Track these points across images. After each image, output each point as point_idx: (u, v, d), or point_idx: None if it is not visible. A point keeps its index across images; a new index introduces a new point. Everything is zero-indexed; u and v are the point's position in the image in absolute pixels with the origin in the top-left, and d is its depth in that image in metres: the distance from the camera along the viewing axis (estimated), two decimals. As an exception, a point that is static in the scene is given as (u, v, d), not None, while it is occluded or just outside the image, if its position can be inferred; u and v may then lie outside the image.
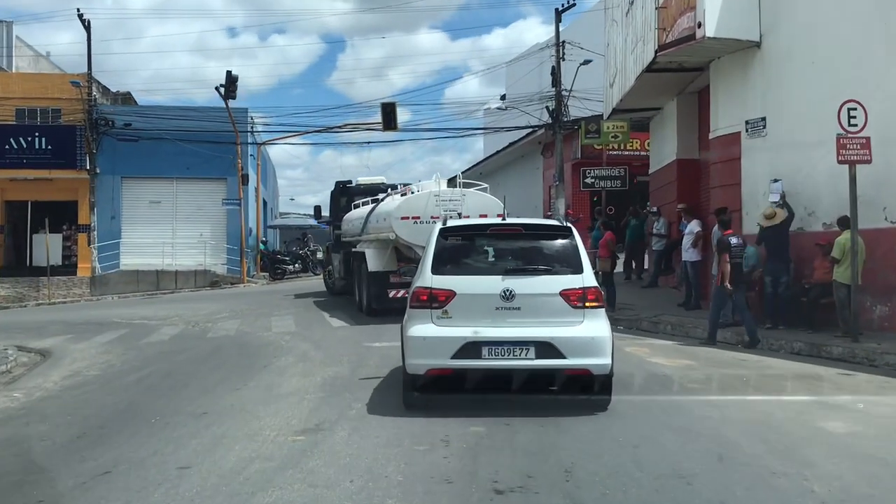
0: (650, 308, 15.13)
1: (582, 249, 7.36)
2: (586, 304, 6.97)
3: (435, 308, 6.95)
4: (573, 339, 6.82)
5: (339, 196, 20.63)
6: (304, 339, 12.76)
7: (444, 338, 6.84)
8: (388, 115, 28.59)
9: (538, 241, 7.58)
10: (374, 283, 15.22)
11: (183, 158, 28.87)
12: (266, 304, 20.23)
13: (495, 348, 6.81)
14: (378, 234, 15.49)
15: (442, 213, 13.11)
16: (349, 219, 18.86)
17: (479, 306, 6.94)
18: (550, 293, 6.95)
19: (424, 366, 6.94)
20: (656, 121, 19.26)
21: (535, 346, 6.79)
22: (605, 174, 18.32)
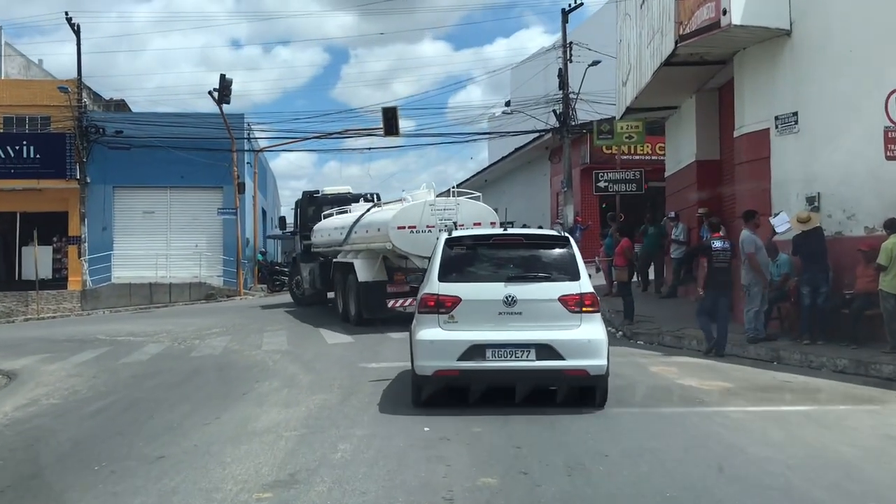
0: (671, 320, 13.95)
1: (579, 258, 7.79)
2: (583, 309, 7.41)
3: (442, 313, 7.39)
4: (571, 341, 7.28)
5: (306, 206, 20.50)
6: (294, 359, 11.63)
7: (450, 341, 7.29)
8: (390, 120, 27.56)
9: (538, 250, 8.02)
10: (365, 294, 15.10)
11: (177, 167, 27.82)
12: (260, 319, 19.15)
13: (498, 350, 7.25)
14: (369, 244, 15.30)
15: (437, 222, 13.86)
16: (322, 229, 18.73)
17: (484, 311, 7.39)
18: (550, 299, 7.39)
19: (432, 367, 7.36)
20: (672, 121, 18.13)
21: (536, 349, 7.23)
22: (620, 177, 17.19)
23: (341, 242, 16.75)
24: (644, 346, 12.46)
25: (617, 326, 14.36)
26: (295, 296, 21.81)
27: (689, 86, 15.81)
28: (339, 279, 17.09)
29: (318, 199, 20.46)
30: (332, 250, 17.60)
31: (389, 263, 15.17)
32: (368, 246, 15.38)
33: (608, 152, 29.42)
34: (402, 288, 14.81)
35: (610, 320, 15.33)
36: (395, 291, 14.91)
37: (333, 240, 17.46)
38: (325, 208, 19.30)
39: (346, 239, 16.44)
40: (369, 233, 15.36)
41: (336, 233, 17.28)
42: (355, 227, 16.08)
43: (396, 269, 15.02)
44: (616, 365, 10.18)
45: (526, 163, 36.09)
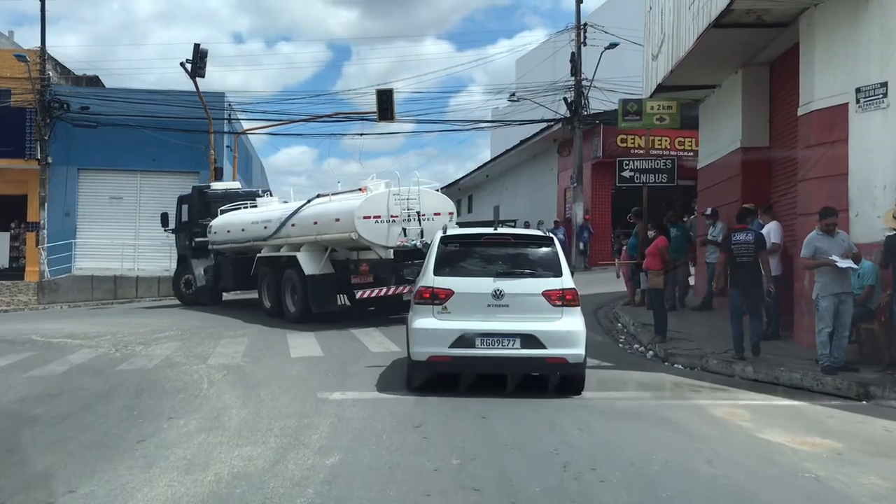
0: (713, 339, 11.35)
1: (562, 256, 8.45)
2: (565, 303, 8.06)
3: (436, 304, 8.05)
4: (553, 332, 7.93)
5: (196, 202, 20.00)
6: (238, 380, 9.03)
7: (443, 329, 7.95)
8: (385, 104, 24.99)
9: (524, 248, 8.70)
10: (313, 288, 14.80)
11: (149, 148, 25.27)
12: (226, 319, 16.57)
13: (487, 339, 7.89)
14: (320, 235, 14.91)
15: (400, 212, 14.13)
16: (226, 224, 18.32)
17: (474, 303, 8.03)
18: (534, 293, 8.07)
19: (426, 353, 8.00)
20: (710, 103, 15.55)
21: (521, 338, 7.88)
22: (648, 167, 14.56)
23: (267, 236, 16.29)
24: (685, 373, 9.88)
25: (645, 344, 11.80)
26: (183, 296, 20.35)
27: (735, 57, 13.26)
28: (268, 274, 16.55)
29: (209, 194, 20.03)
30: (250, 245, 17.18)
31: (336, 256, 15.02)
32: (318, 237, 14.96)
33: (623, 145, 27.01)
34: (366, 279, 14.54)
35: (635, 335, 12.79)
36: (360, 283, 14.59)
37: (250, 235, 17.04)
38: (216, 204, 19.11)
39: (275, 233, 16.01)
40: (319, 224, 14.94)
41: (256, 227, 16.87)
42: (292, 220, 15.67)
43: (344, 262, 15.05)
44: (667, 407, 7.70)
45: (531, 157, 33.50)
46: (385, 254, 14.23)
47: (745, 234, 10.06)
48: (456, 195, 46.68)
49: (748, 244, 9.94)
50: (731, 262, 10.13)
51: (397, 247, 14.20)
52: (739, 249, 9.99)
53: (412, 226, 14.32)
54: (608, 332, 13.42)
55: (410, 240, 14.28)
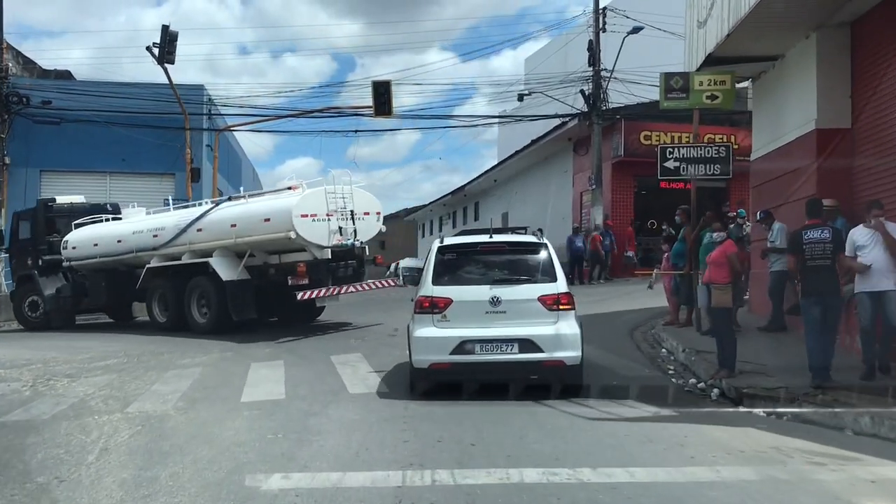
0: (794, 371, 8.60)
1: (556, 261, 8.58)
2: (560, 307, 8.21)
3: (436, 313, 8.23)
4: (549, 336, 8.09)
5: (43, 217, 18.26)
6: (146, 446, 6.32)
7: (443, 337, 8.12)
8: (382, 97, 22.38)
9: (519, 255, 8.86)
10: (232, 294, 14.28)
11: (118, 147, 22.80)
12: (187, 342, 13.93)
13: (486, 345, 8.06)
14: (240, 238, 14.28)
15: (334, 210, 13.98)
16: (89, 238, 17.08)
17: (472, 311, 8.21)
18: (530, 299, 8.25)
19: (428, 361, 8.15)
20: (768, 80, 12.85)
21: (519, 343, 8.07)
22: (698, 155, 11.72)
23: (159, 245, 15.50)
24: (773, 424, 7.13)
25: (707, 379, 9.06)
26: (28, 320, 18.20)
27: (808, 17, 10.59)
28: (163, 286, 15.76)
29: (55, 209, 18.41)
30: (132, 257, 16.22)
31: (252, 261, 14.55)
32: (237, 240, 14.33)
33: (647, 143, 24.29)
34: (302, 280, 13.88)
35: (687, 365, 10.07)
36: (297, 284, 13.92)
37: (132, 245, 16.10)
38: (63, 220, 17.87)
39: (172, 240, 15.24)
40: (239, 226, 14.32)
41: (140, 237, 15.99)
42: (197, 225, 14.97)
43: (261, 265, 14.67)
44: (778, 489, 4.97)
45: (543, 158, 30.79)
46: (321, 254, 13.92)
47: (820, 232, 8.30)
48: (461, 202, 44.01)
49: (824, 243, 8.21)
50: (801, 266, 8.37)
51: (334, 246, 14.03)
52: (813, 250, 8.23)
53: (347, 225, 14.16)
54: (652, 360, 10.69)
55: (346, 239, 14.17)
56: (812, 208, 8.74)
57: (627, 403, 7.68)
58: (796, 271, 8.74)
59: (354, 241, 14.33)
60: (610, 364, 10.05)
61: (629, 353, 11.12)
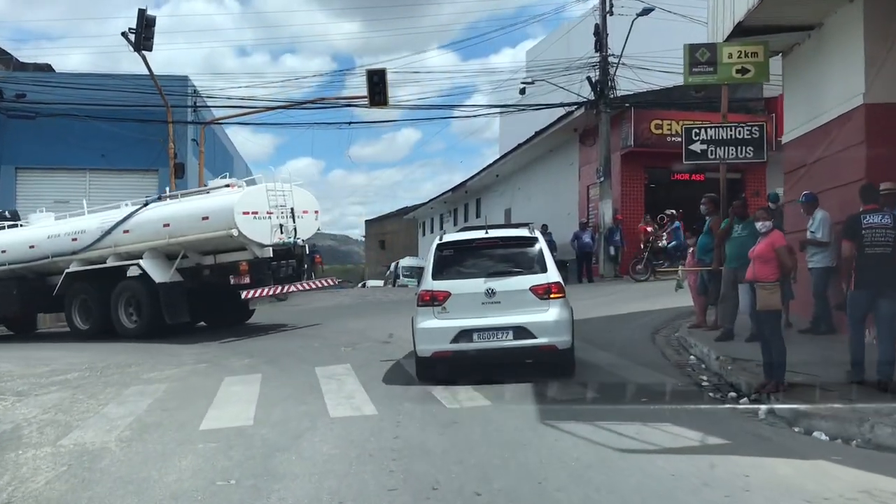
0: (853, 384, 7.30)
1: (546, 254, 9.03)
2: (550, 296, 8.65)
3: (436, 306, 8.70)
4: (541, 323, 8.52)
5: None
6: (66, 496, 5.01)
7: (443, 328, 8.57)
8: (376, 86, 21.07)
9: (512, 249, 9.30)
10: (166, 297, 13.96)
11: (98, 143, 21.50)
12: (163, 349, 12.67)
13: (483, 333, 8.51)
14: (174, 239, 13.99)
15: (275, 208, 13.87)
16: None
17: (469, 302, 8.64)
18: (523, 289, 8.68)
19: (430, 350, 8.62)
20: (801, 53, 11.49)
21: (513, 330, 8.50)
22: (727, 136, 10.31)
23: (79, 249, 14.95)
24: (845, 454, 5.81)
25: (749, 394, 7.73)
26: None
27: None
28: (85, 291, 15.16)
29: None
30: (45, 264, 15.53)
31: (184, 262, 14.24)
32: (170, 241, 14.01)
33: (658, 132, 22.94)
34: (244, 279, 13.57)
35: (722, 374, 8.75)
36: (240, 283, 13.61)
37: (46, 251, 15.41)
38: None
39: (95, 243, 14.74)
40: (173, 226, 14.01)
41: (57, 241, 15.34)
42: (123, 226, 14.57)
43: (194, 267, 14.37)
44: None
45: (547, 151, 29.43)
46: (262, 252, 13.73)
47: (881, 217, 7.36)
48: (463, 199, 42.64)
49: (886, 229, 7.25)
50: (859, 253, 7.36)
51: (275, 244, 13.91)
52: (874, 236, 7.27)
53: (288, 223, 14.06)
54: (680, 369, 9.35)
55: (288, 237, 14.08)
56: (867, 193, 7.66)
57: (663, 427, 6.36)
58: (851, 259, 7.49)
59: (295, 240, 14.21)
60: (634, 374, 8.74)
61: (653, 360, 9.79)
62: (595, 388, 7.81)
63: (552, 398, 7.58)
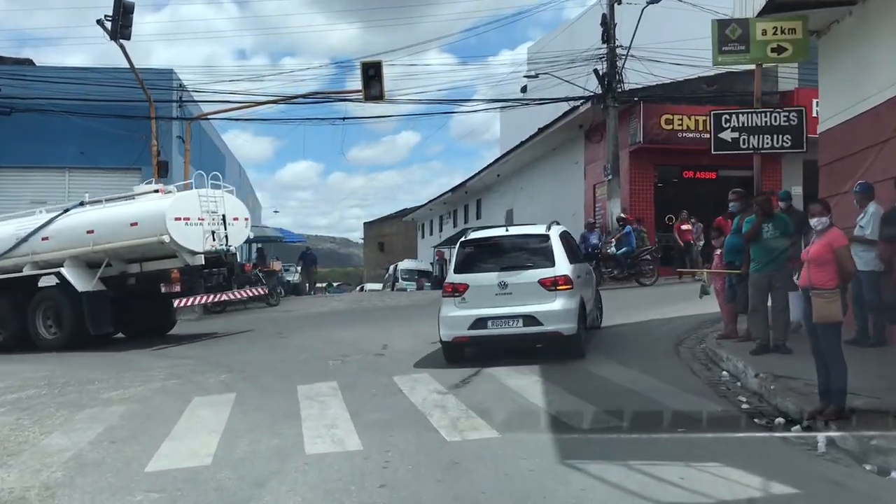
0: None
1: (556, 249, 9.84)
2: (557, 288, 9.49)
3: (456, 296, 9.79)
4: (548, 311, 9.41)
5: None
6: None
7: (462, 316, 9.65)
8: (371, 79, 19.92)
9: (524, 245, 10.33)
10: (90, 306, 13.49)
11: (77, 140, 20.36)
12: (129, 364, 11.47)
13: (496, 321, 9.53)
14: (98, 246, 13.55)
15: (206, 215, 13.71)
16: None
17: (485, 293, 9.67)
18: (532, 281, 9.59)
19: (451, 335, 9.71)
20: (842, 31, 10.29)
21: (523, 318, 9.47)
22: (762, 122, 9.09)
23: None
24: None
25: (801, 420, 6.53)
26: None
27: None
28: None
29: None
30: None
31: (108, 270, 13.82)
32: (95, 248, 13.58)
33: (668, 127, 21.80)
34: (175, 287, 13.34)
35: (762, 395, 7.58)
36: (171, 292, 13.39)
37: None
38: None
39: (9, 251, 14.19)
40: (98, 232, 13.57)
41: None
42: (42, 233, 14.08)
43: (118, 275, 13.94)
44: None
45: (551, 149, 28.30)
46: (193, 260, 13.44)
47: None
48: (463, 199, 41.48)
49: None
50: None
51: (207, 252, 13.62)
52: None
53: (219, 230, 13.81)
54: (713, 387, 8.16)
55: (219, 244, 13.83)
56: None
57: (711, 468, 5.18)
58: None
59: (227, 247, 13.99)
60: (662, 396, 7.54)
61: (681, 378, 8.60)
62: (620, 415, 6.63)
63: (572, 426, 6.39)
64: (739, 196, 10.16)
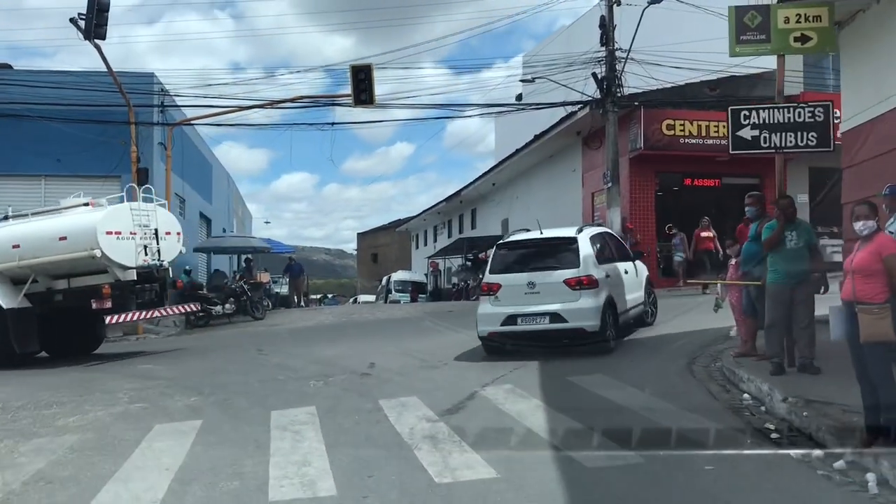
0: None
1: (582, 251, 10.66)
2: (581, 287, 10.32)
3: (491, 295, 10.83)
4: (572, 309, 10.25)
5: None
6: None
7: (495, 313, 10.67)
8: (362, 83, 19.14)
9: (553, 248, 11.18)
10: (15, 324, 13.03)
11: (53, 147, 19.45)
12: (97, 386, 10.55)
13: (525, 318, 10.47)
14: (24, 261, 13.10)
15: (138, 229, 13.40)
16: None
17: (515, 292, 10.60)
18: (558, 281, 10.46)
19: (486, 330, 10.72)
20: (867, 21, 9.49)
21: (549, 316, 10.35)
22: (785, 119, 8.17)
23: None
24: None
25: (844, 453, 5.66)
26: None
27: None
28: None
29: None
30: None
31: (35, 287, 13.43)
32: (21, 263, 13.15)
33: (670, 133, 21.02)
34: (106, 303, 12.93)
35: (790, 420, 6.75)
36: (103, 308, 12.98)
37: None
38: None
39: None
40: (24, 247, 13.17)
41: None
42: None
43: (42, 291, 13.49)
44: None
45: (547, 157, 27.51)
46: (125, 275, 13.10)
47: None
48: (457, 209, 40.64)
49: None
50: None
51: (139, 267, 13.29)
52: None
53: (152, 244, 13.52)
54: (736, 412, 7.29)
55: (152, 259, 13.51)
56: None
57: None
58: None
59: (159, 262, 13.68)
60: (681, 423, 6.67)
61: (700, 402, 7.72)
62: (639, 445, 5.77)
63: (583, 464, 5.51)
64: (757, 200, 9.32)
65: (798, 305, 8.27)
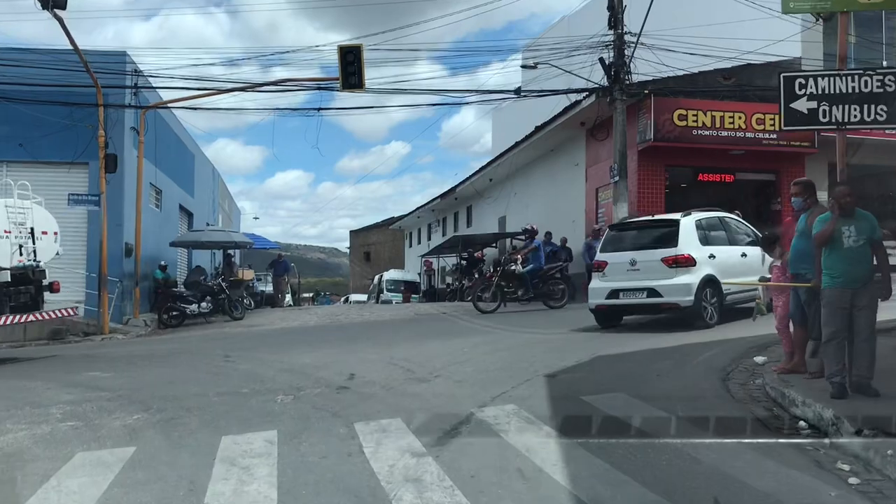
0: None
1: (682, 233, 11.96)
2: (678, 265, 11.54)
3: (600, 271, 12.62)
4: (668, 285, 11.58)
5: None
6: None
7: (602, 287, 12.41)
8: (350, 65, 17.75)
9: (654, 229, 12.61)
10: None
11: (15, 130, 17.98)
12: (33, 393, 9.07)
13: (626, 293, 11.99)
14: None
15: (13, 227, 12.91)
16: None
17: (619, 269, 12.18)
18: (655, 259, 11.80)
19: (595, 303, 12.56)
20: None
21: (647, 291, 11.73)
22: (849, 89, 6.68)
23: None
24: None
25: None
26: None
27: None
28: None
29: None
30: None
31: None
32: None
33: (682, 124, 19.59)
34: None
35: (871, 461, 5.31)
36: None
37: None
38: None
39: None
40: None
41: None
42: None
43: None
44: None
45: (548, 151, 26.08)
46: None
47: None
48: (452, 206, 39.18)
49: None
50: None
51: (14, 268, 12.73)
52: None
53: (27, 244, 12.99)
54: (798, 449, 5.85)
55: (28, 259, 12.91)
56: None
57: None
58: None
59: (36, 262, 13.01)
60: (729, 465, 5.24)
61: (745, 429, 6.30)
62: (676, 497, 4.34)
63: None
64: (804, 188, 7.89)
65: (859, 313, 6.87)
